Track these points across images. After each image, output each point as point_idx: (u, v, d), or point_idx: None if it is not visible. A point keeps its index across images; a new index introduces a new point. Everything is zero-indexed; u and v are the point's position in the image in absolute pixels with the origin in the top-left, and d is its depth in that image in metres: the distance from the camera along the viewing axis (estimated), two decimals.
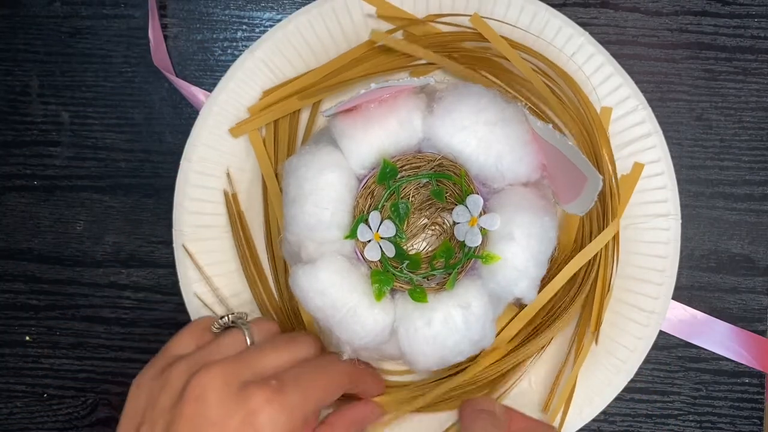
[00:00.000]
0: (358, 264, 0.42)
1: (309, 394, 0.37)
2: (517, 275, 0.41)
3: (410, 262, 0.43)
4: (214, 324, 0.40)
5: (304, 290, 0.41)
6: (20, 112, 0.51)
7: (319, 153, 0.42)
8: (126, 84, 0.51)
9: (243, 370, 0.36)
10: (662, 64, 0.50)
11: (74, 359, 0.51)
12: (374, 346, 0.42)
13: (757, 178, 0.50)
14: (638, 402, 0.50)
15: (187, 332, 0.40)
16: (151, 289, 0.51)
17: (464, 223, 0.42)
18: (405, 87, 0.42)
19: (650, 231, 0.47)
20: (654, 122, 0.47)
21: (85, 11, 0.51)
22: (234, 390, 0.35)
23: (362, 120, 0.42)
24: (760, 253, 0.50)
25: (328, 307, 0.41)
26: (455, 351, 0.41)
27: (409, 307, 0.41)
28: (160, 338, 0.51)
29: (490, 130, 0.42)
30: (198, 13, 0.51)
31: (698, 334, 0.49)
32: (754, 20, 0.50)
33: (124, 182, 0.51)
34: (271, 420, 0.35)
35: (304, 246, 0.42)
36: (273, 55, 0.48)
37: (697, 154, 0.50)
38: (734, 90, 0.50)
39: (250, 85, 0.48)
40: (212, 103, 0.47)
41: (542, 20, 0.47)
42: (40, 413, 0.51)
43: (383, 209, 0.43)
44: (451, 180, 0.43)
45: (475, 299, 0.41)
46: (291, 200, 0.42)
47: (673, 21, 0.50)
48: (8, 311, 0.51)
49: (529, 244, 0.41)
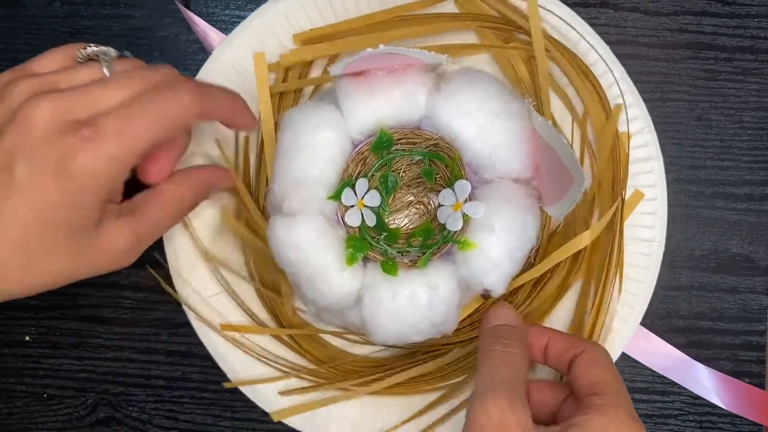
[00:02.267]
0: (336, 226, 0.42)
1: (136, 134, 0.35)
2: (490, 266, 0.41)
3: (388, 234, 0.43)
4: (79, 51, 0.39)
5: (279, 241, 0.41)
6: None
7: (320, 110, 0.43)
8: None
9: (77, 107, 0.35)
10: (662, 64, 0.50)
11: (74, 359, 0.51)
12: (338, 310, 0.43)
13: (757, 178, 0.50)
14: (638, 402, 0.50)
15: (53, 53, 0.39)
16: (151, 289, 0.51)
17: (448, 207, 0.43)
18: (416, 60, 0.42)
19: (633, 254, 0.47)
20: (657, 147, 0.47)
21: (85, 11, 0.51)
22: (60, 127, 0.34)
23: (368, 85, 0.42)
24: (760, 253, 0.50)
25: (300, 263, 0.41)
26: (415, 329, 0.41)
27: (378, 277, 0.41)
28: (160, 338, 0.51)
29: (491, 120, 0.42)
30: (198, 13, 0.51)
31: (685, 378, 0.49)
32: (754, 20, 0.50)
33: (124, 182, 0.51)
34: (84, 168, 0.34)
35: (287, 199, 0.42)
36: (295, 10, 0.48)
37: (697, 154, 0.50)
38: (734, 90, 0.50)
39: (267, 35, 0.48)
40: (226, 45, 0.47)
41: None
42: (40, 413, 0.51)
43: (372, 178, 0.43)
44: (443, 162, 0.43)
45: (444, 282, 0.41)
46: (283, 152, 0.43)
47: (673, 21, 0.50)
48: (8, 311, 0.51)
49: (507, 238, 0.41)
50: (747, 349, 0.50)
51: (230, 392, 0.49)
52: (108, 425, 0.51)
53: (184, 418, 0.51)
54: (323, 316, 0.44)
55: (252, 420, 0.50)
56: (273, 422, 0.47)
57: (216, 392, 0.50)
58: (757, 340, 0.50)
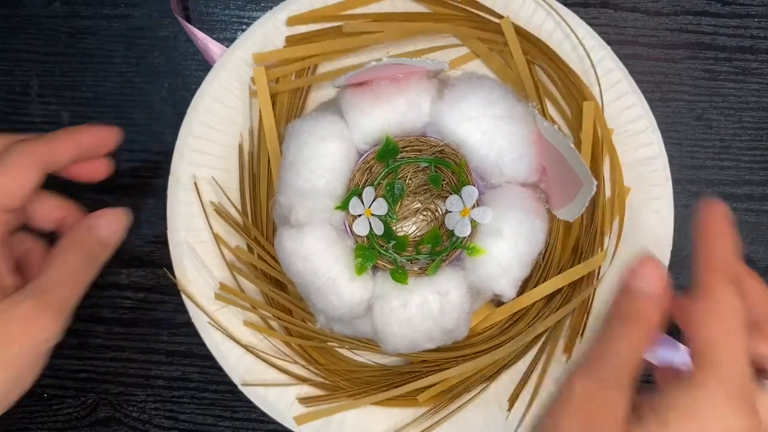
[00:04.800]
0: (345, 236, 0.42)
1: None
2: (500, 272, 0.41)
3: (397, 242, 0.43)
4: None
5: (287, 253, 0.41)
6: (20, 112, 0.51)
7: (324, 120, 0.43)
8: (126, 84, 0.51)
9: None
10: (662, 64, 0.50)
11: (74, 359, 0.51)
12: (348, 320, 0.43)
13: (757, 178, 0.50)
14: None
15: None
16: (151, 289, 0.51)
17: (456, 213, 0.43)
18: (418, 68, 0.42)
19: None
20: (661, 145, 0.47)
21: (85, 11, 0.51)
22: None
23: (371, 95, 0.42)
24: (760, 253, 0.50)
25: (309, 273, 0.41)
26: (426, 336, 0.41)
27: (388, 286, 0.42)
28: (160, 338, 0.51)
29: (496, 124, 0.42)
30: (198, 13, 0.51)
31: None
32: (754, 20, 0.50)
33: (124, 182, 0.51)
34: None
35: (294, 210, 0.42)
36: None
37: (697, 154, 0.50)
38: (734, 90, 0.50)
39: (267, 46, 0.48)
40: (227, 58, 0.48)
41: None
42: (40, 413, 0.51)
43: (379, 187, 0.43)
44: (450, 168, 0.43)
45: (454, 289, 0.41)
46: (289, 164, 0.43)
47: (673, 21, 0.50)
48: None
49: (516, 243, 0.41)
50: None
51: (230, 392, 0.49)
52: (108, 425, 0.51)
53: (184, 418, 0.51)
54: (334, 326, 0.44)
55: (252, 420, 0.50)
56: (273, 422, 0.47)
57: (216, 392, 0.50)
58: None
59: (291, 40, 0.48)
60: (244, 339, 0.47)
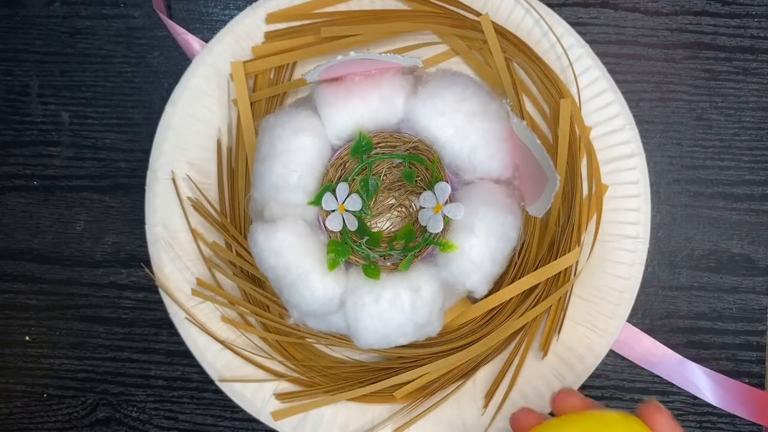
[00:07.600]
0: (318, 231, 0.42)
1: None
2: (472, 267, 0.41)
3: (370, 238, 0.43)
4: None
5: (260, 247, 0.41)
6: (20, 112, 0.51)
7: (297, 115, 0.43)
8: (126, 84, 0.51)
9: None
10: (662, 64, 0.50)
11: (74, 359, 0.51)
12: (321, 315, 0.43)
13: (757, 178, 0.50)
14: (638, 402, 0.50)
15: None
16: (150, 289, 0.51)
17: (429, 209, 0.43)
18: (392, 65, 0.42)
19: (618, 251, 0.47)
20: (638, 143, 0.47)
21: (85, 11, 0.51)
22: None
23: (345, 90, 0.42)
24: (760, 253, 0.50)
25: (281, 268, 0.41)
26: (399, 332, 0.42)
27: (360, 281, 0.42)
28: (160, 338, 0.51)
29: (469, 121, 0.42)
30: (198, 13, 0.51)
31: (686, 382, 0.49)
32: (754, 20, 0.50)
33: (124, 182, 0.51)
34: None
35: (268, 206, 0.42)
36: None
37: (697, 154, 0.50)
38: (734, 90, 0.50)
39: (246, 42, 0.48)
40: (206, 53, 0.47)
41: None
42: (40, 413, 0.51)
43: (353, 183, 0.43)
44: (423, 164, 0.43)
45: (426, 284, 0.41)
46: (262, 158, 0.43)
47: (673, 21, 0.50)
48: (8, 311, 0.51)
49: (488, 239, 0.41)
50: (747, 350, 0.50)
51: None
52: (108, 425, 0.51)
53: (184, 418, 0.51)
54: (307, 321, 0.44)
55: (252, 420, 0.50)
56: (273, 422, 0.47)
57: (216, 392, 0.50)
58: (756, 340, 0.50)
59: (270, 36, 0.48)
60: (222, 335, 0.47)
